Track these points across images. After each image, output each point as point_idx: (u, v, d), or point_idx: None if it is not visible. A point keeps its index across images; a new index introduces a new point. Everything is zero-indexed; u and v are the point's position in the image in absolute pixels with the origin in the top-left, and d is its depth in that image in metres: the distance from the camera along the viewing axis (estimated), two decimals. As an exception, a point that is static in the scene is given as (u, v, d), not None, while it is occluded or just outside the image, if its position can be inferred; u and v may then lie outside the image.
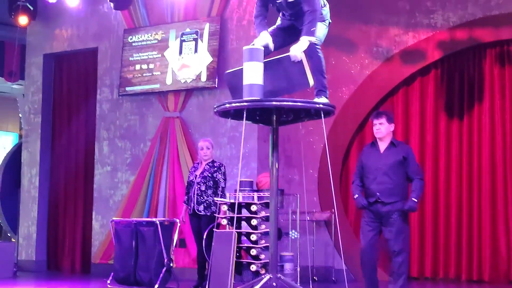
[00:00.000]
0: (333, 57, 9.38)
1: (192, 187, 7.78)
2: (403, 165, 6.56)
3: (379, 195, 6.51)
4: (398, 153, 6.57)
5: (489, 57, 9.28)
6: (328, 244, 9.13)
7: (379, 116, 6.70)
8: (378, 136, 6.67)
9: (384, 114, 6.75)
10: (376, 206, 6.51)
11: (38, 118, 10.74)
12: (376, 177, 6.57)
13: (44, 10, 10.53)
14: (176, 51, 9.45)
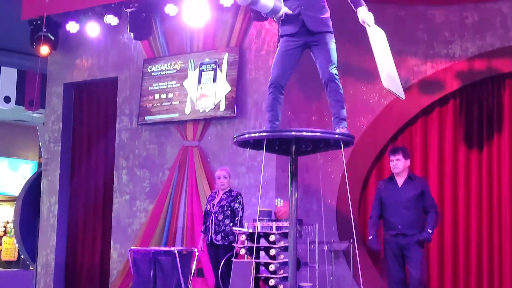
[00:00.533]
0: (352, 87, 9.39)
1: (210, 217, 7.80)
2: (421, 198, 6.82)
3: (401, 228, 6.76)
4: (416, 188, 6.91)
5: (508, 88, 9.25)
6: (347, 274, 9.07)
7: (395, 152, 7.05)
8: (396, 172, 7.03)
9: (400, 150, 7.09)
10: (397, 238, 6.83)
11: (57, 146, 10.81)
12: (396, 211, 6.86)
13: (65, 40, 10.64)
14: (195, 81, 9.51)
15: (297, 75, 6.45)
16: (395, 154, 7.21)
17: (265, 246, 7.57)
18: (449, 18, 9.49)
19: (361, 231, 9.36)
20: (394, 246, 7.02)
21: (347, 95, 9.20)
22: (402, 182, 7.06)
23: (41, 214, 10.85)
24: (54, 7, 9.87)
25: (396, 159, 7.17)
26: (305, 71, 6.34)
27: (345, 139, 5.43)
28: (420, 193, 6.92)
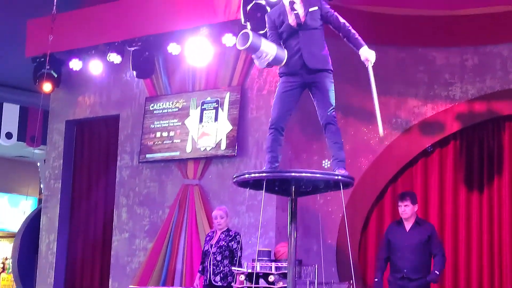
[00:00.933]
0: (352, 128, 9.44)
1: (208, 257, 7.76)
2: (428, 243, 6.99)
3: (406, 272, 6.96)
4: (423, 233, 7.14)
5: (508, 130, 9.28)
6: (346, 316, 9.02)
7: (404, 199, 7.30)
8: (404, 217, 7.30)
9: (408, 195, 7.37)
10: (403, 281, 7.00)
11: (58, 183, 10.82)
12: (403, 254, 7.08)
13: (68, 77, 10.71)
14: (197, 119, 9.55)
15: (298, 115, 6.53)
16: (404, 200, 7.43)
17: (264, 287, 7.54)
18: (450, 61, 9.56)
19: (361, 272, 9.33)
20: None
21: (348, 136, 9.29)
22: (409, 226, 7.32)
23: (39, 251, 10.82)
24: (57, 45, 9.93)
25: (405, 205, 7.40)
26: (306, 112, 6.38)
27: (345, 180, 5.44)
28: (427, 239, 7.18)
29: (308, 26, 5.44)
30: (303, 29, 5.45)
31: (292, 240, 5.64)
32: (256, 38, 5.07)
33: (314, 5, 5.46)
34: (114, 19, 9.92)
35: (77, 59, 10.24)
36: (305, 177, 5.38)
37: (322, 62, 5.47)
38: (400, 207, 7.44)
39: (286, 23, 5.45)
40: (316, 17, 5.48)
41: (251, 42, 5.01)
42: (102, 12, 10.10)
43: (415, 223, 7.37)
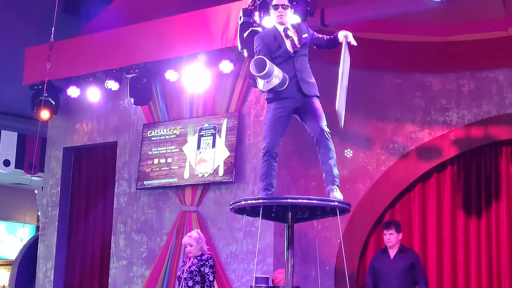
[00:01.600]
0: (350, 153, 9.47)
1: (180, 283, 7.57)
2: (411, 270, 7.21)
3: None
4: (406, 260, 7.45)
5: (505, 155, 9.30)
6: None
7: (388, 227, 7.71)
8: (389, 245, 7.64)
9: (393, 224, 7.76)
10: None
11: (55, 211, 10.80)
12: (388, 281, 7.37)
13: (66, 104, 10.73)
14: (194, 146, 9.56)
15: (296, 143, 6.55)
16: (388, 229, 7.78)
17: (262, 313, 7.53)
18: (446, 86, 9.61)
19: (360, 299, 9.32)
20: None
21: (345, 161, 9.32)
22: (394, 254, 7.72)
23: (37, 279, 10.76)
24: (55, 73, 9.95)
25: (390, 233, 7.72)
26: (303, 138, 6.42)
27: (342, 206, 5.44)
28: (410, 265, 7.51)
29: (301, 53, 5.53)
30: (297, 55, 5.52)
31: (289, 267, 5.64)
32: (270, 65, 5.15)
33: (305, 32, 5.55)
34: (112, 47, 9.97)
35: (75, 86, 10.25)
36: (302, 203, 5.39)
37: (314, 88, 5.55)
38: (385, 235, 7.72)
39: (284, 49, 5.51)
40: (306, 44, 5.57)
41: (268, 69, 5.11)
42: (99, 39, 10.15)
43: (399, 251, 7.63)
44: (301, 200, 5.39)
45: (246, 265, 8.83)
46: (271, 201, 5.34)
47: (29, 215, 17.04)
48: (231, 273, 8.95)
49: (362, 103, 9.50)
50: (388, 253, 7.66)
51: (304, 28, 5.59)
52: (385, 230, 7.76)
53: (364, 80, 9.40)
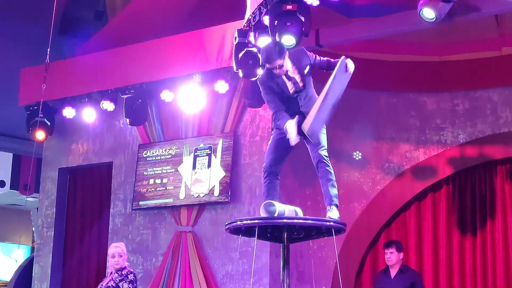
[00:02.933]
0: (346, 173, 9.47)
1: None
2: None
3: None
4: (406, 280, 7.51)
5: (500, 174, 9.34)
6: None
7: (389, 246, 7.73)
8: (390, 264, 7.66)
9: (394, 244, 7.79)
10: None
11: (51, 232, 10.75)
12: None
13: (61, 125, 10.71)
14: (190, 166, 9.55)
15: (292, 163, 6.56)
16: (389, 248, 7.97)
17: (258, 334, 7.50)
18: (441, 106, 9.65)
19: (356, 318, 9.30)
20: None
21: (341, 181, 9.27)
22: (394, 273, 7.71)
23: (32, 301, 10.74)
24: (51, 93, 9.94)
25: (390, 252, 7.90)
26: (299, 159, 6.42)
27: (337, 226, 5.46)
28: (410, 286, 7.45)
29: (304, 87, 5.57)
30: (301, 91, 5.58)
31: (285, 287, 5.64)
32: (279, 205, 5.36)
33: (306, 65, 5.55)
34: (107, 67, 9.99)
35: (70, 107, 10.23)
36: (297, 224, 5.41)
37: None
38: (386, 254, 7.83)
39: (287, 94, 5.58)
40: (308, 74, 5.59)
41: (278, 213, 5.32)
42: (95, 60, 10.17)
43: (399, 271, 7.73)
44: (297, 221, 5.41)
45: (242, 285, 8.80)
46: (266, 221, 5.35)
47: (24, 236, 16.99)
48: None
49: (357, 123, 9.53)
50: (389, 273, 7.74)
51: (306, 61, 5.58)
52: (386, 249, 7.85)
53: (359, 100, 9.43)
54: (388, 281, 7.66)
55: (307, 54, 5.64)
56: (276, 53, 5.46)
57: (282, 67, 5.49)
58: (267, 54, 5.51)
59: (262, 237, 5.75)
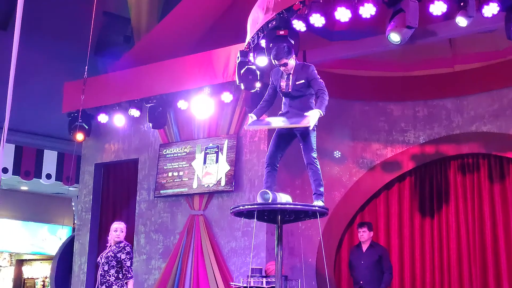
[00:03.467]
0: (327, 166, 9.46)
1: (98, 269, 6.96)
2: (379, 262, 7.22)
3: (362, 283, 7.21)
4: (375, 254, 7.46)
5: (452, 168, 9.33)
6: (325, 321, 8.96)
7: (362, 226, 7.79)
8: (362, 240, 7.69)
9: (366, 224, 7.87)
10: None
11: (88, 215, 10.76)
12: (360, 270, 7.33)
13: (97, 128, 10.73)
14: (201, 161, 9.54)
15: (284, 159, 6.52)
16: (362, 227, 7.99)
17: (257, 298, 7.49)
18: (404, 112, 9.64)
19: (336, 285, 9.26)
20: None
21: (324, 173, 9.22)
22: (366, 248, 7.68)
23: (73, 271, 10.72)
24: (88, 102, 9.96)
25: (363, 231, 7.91)
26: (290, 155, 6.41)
27: (321, 210, 5.47)
28: (378, 258, 7.55)
29: (296, 94, 5.54)
30: (291, 95, 5.55)
31: (279, 259, 5.64)
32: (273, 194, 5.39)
33: (301, 78, 5.51)
34: (134, 81, 9.98)
35: (104, 113, 10.25)
36: (288, 208, 5.41)
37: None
38: (359, 232, 7.86)
39: (279, 87, 5.57)
40: (303, 88, 5.54)
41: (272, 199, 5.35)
42: (124, 76, 10.17)
43: (370, 246, 7.74)
44: (288, 206, 5.40)
45: (243, 258, 8.79)
46: (263, 206, 5.35)
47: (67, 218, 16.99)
48: (231, 265, 8.92)
49: (337, 126, 9.52)
50: (362, 248, 7.71)
51: (304, 75, 5.54)
52: (359, 228, 7.84)
53: (338, 108, 9.42)
54: (361, 254, 7.66)
55: (309, 72, 5.56)
56: (284, 53, 5.48)
57: (286, 66, 5.50)
58: (276, 52, 5.53)
59: (260, 219, 5.75)
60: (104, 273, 6.86)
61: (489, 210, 8.90)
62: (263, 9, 7.21)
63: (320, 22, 6.84)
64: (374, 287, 7.41)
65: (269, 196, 5.35)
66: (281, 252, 5.61)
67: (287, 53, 5.47)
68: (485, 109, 9.09)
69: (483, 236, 8.89)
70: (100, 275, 6.89)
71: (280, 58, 5.47)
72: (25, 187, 15.20)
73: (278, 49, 5.53)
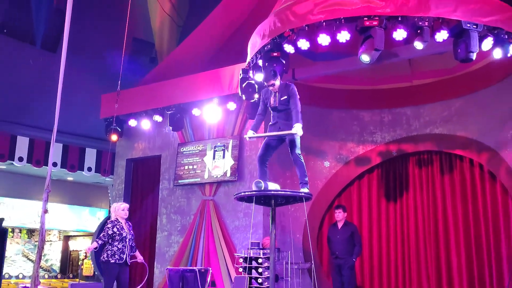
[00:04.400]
0: (312, 161, 9.47)
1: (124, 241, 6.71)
2: (352, 237, 7.20)
3: (338, 254, 7.16)
4: (348, 230, 7.46)
5: (411, 162, 9.34)
6: (310, 284, 8.94)
7: (338, 208, 7.78)
8: (338, 219, 7.64)
9: (341, 206, 7.84)
10: (336, 260, 7.23)
11: (121, 200, 10.72)
12: (336, 243, 7.29)
13: (128, 131, 10.70)
14: (211, 157, 9.53)
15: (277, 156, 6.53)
16: (338, 209, 7.97)
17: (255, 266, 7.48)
18: (373, 118, 9.64)
19: (318, 256, 9.26)
20: (335, 265, 7.49)
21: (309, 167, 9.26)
22: (341, 226, 7.64)
23: (109, 244, 10.70)
24: (121, 110, 9.98)
25: (339, 212, 7.90)
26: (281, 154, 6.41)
27: (306, 196, 5.45)
28: (351, 234, 7.52)
29: (281, 107, 5.60)
30: (278, 109, 5.60)
31: (273, 235, 5.63)
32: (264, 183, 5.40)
33: (284, 95, 5.60)
34: (157, 93, 9.97)
35: (133, 119, 10.24)
36: (280, 194, 5.40)
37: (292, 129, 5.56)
38: (336, 213, 7.82)
39: (269, 103, 5.60)
40: (286, 102, 5.60)
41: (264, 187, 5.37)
42: (149, 89, 10.16)
43: (344, 224, 7.71)
44: (280, 192, 5.39)
45: (245, 234, 8.78)
46: (260, 193, 5.33)
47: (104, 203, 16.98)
48: (235, 240, 8.91)
49: (320, 129, 9.52)
50: (337, 225, 7.69)
51: (285, 93, 5.60)
52: (336, 210, 7.80)
53: (321, 115, 9.43)
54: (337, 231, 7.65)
55: (289, 89, 5.63)
56: (272, 76, 5.58)
57: (274, 86, 5.58)
58: (266, 76, 5.64)
59: (258, 203, 5.74)
60: (131, 248, 6.85)
61: (440, 196, 8.91)
62: (260, 35, 7.21)
63: (306, 46, 6.84)
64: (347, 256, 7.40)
65: (262, 185, 5.37)
66: (274, 229, 5.60)
67: (274, 76, 5.61)
68: (437, 115, 9.09)
69: (435, 216, 8.90)
70: (129, 248, 6.82)
71: (269, 80, 5.58)
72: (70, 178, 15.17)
73: (267, 74, 5.67)
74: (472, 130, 8.61)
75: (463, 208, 8.66)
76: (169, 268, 8.45)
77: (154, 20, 11.95)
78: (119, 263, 6.65)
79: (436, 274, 8.66)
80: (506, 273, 7.95)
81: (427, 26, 6.38)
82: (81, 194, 16.55)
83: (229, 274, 8.66)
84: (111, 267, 6.63)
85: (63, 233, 17.78)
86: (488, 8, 6.52)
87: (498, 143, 8.14)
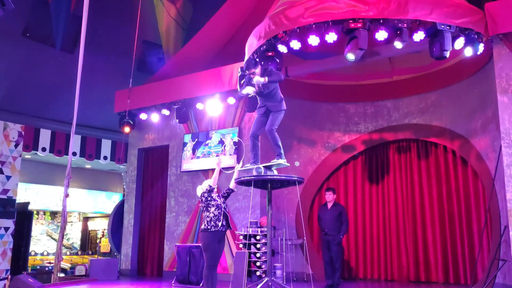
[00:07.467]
0: (303, 149, 9.45)
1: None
2: (340, 216, 7.21)
3: (327, 231, 7.16)
4: (337, 210, 7.45)
5: (391, 149, 9.33)
6: (302, 258, 8.99)
7: (328, 190, 7.77)
8: (328, 200, 7.62)
9: (331, 189, 7.79)
10: (326, 236, 7.24)
11: (134, 185, 10.74)
12: (325, 222, 7.31)
13: (139, 123, 10.66)
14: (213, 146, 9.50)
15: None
16: (329, 191, 7.90)
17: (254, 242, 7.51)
18: (357, 110, 9.61)
19: (309, 233, 9.28)
20: (324, 241, 7.49)
21: (300, 154, 9.28)
22: (330, 206, 7.62)
23: (124, 225, 10.72)
24: (133, 105, 9.96)
25: (329, 194, 7.82)
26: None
27: (299, 180, 5.45)
28: (339, 213, 7.53)
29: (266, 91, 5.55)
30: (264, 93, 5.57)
31: (269, 215, 5.64)
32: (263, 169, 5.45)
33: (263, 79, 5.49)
34: (165, 89, 9.93)
35: (144, 113, 10.21)
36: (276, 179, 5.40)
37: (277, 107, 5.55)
38: (326, 194, 7.70)
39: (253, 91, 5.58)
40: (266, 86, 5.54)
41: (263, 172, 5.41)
42: (158, 86, 10.11)
43: (333, 205, 7.61)
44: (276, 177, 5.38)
45: (244, 214, 8.79)
46: (258, 177, 5.33)
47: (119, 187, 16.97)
48: (236, 219, 8.92)
49: (310, 121, 9.49)
50: (327, 206, 7.61)
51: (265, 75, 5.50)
52: (327, 192, 7.69)
53: (311, 108, 9.40)
54: (326, 210, 7.58)
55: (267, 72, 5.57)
56: (252, 65, 5.51)
57: (254, 74, 5.53)
58: (247, 64, 5.57)
59: (256, 186, 5.75)
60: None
61: (417, 179, 8.92)
62: (256, 37, 7.17)
63: (297, 46, 6.80)
64: (335, 233, 7.39)
65: (261, 170, 5.36)
66: (271, 209, 5.61)
67: (254, 65, 5.54)
68: (415, 107, 9.08)
69: (413, 197, 8.92)
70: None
71: (250, 69, 5.51)
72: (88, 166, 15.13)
73: (248, 63, 5.58)
74: (445, 120, 8.61)
75: (438, 190, 8.69)
76: (177, 244, 8.48)
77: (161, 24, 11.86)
78: (222, 230, 5.89)
79: (413, 248, 8.70)
80: (477, 246, 8.00)
81: (405, 27, 6.36)
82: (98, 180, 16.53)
83: (230, 250, 8.68)
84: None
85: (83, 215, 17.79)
86: (461, 11, 6.50)
87: (468, 131, 8.15)
